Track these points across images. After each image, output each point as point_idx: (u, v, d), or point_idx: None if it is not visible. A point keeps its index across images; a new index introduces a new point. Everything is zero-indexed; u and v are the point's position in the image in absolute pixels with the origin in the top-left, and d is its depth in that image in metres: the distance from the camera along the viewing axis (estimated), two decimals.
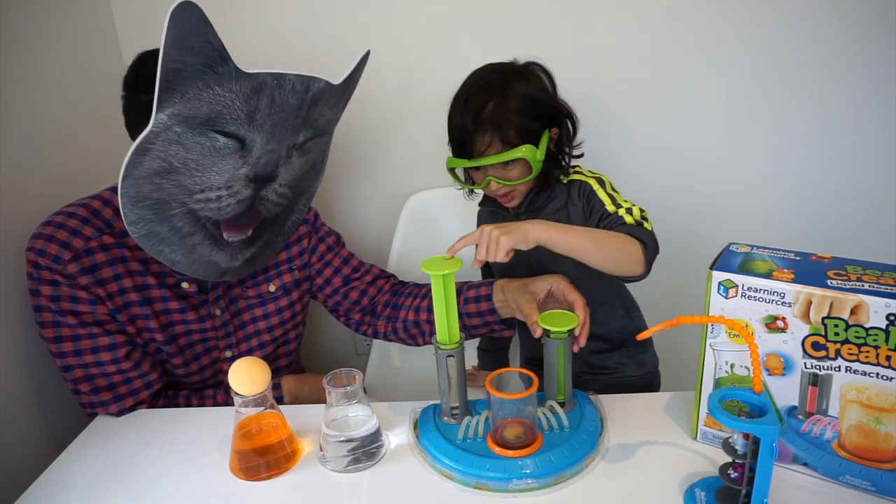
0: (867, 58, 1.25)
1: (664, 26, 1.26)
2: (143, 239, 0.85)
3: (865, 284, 0.64)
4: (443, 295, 0.76)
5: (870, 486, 0.68)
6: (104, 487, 0.76)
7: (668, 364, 1.26)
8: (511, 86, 0.92)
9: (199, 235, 0.87)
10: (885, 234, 1.36)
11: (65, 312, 0.88)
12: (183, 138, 0.78)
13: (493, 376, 0.75)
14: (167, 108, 0.75)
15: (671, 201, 1.38)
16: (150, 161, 0.78)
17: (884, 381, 0.64)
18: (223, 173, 0.82)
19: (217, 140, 0.79)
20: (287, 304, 1.07)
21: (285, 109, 0.82)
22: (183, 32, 0.70)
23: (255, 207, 0.88)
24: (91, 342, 0.89)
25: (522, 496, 0.71)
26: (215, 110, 0.77)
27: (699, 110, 1.32)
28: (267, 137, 0.83)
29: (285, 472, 0.77)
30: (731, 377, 0.73)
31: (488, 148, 0.92)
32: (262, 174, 0.85)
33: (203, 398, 1.00)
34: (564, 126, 0.98)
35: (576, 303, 0.86)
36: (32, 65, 1.02)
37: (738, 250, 0.75)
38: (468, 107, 0.92)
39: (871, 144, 1.31)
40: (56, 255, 0.86)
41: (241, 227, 0.90)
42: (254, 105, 0.79)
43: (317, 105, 0.86)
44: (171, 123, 0.76)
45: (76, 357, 0.89)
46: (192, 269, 0.91)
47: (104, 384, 0.91)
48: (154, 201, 0.82)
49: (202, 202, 0.83)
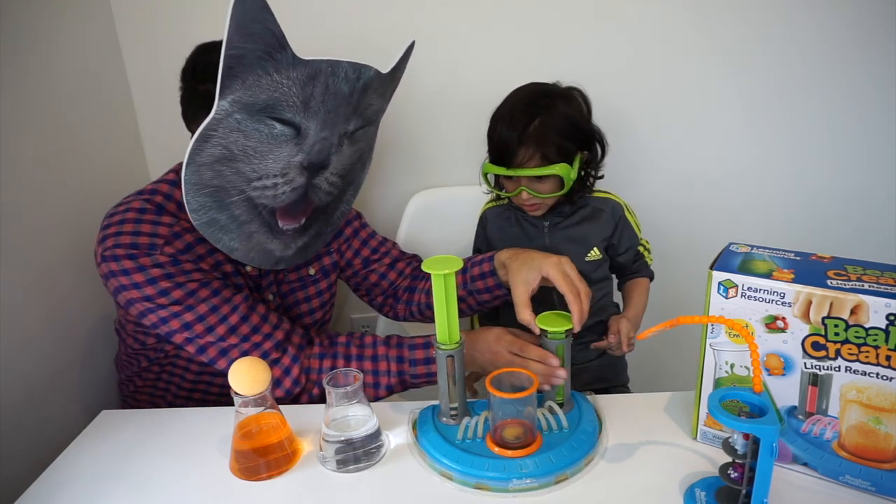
0: (871, 60, 1.25)
1: (669, 26, 1.26)
2: (203, 227, 0.85)
3: (865, 284, 0.64)
4: (443, 295, 0.76)
5: (870, 486, 0.68)
6: (104, 486, 0.76)
7: (669, 364, 1.26)
8: (556, 106, 1.00)
9: (255, 223, 0.88)
10: (886, 236, 1.36)
11: (181, 284, 0.87)
12: (243, 125, 0.79)
13: (493, 376, 0.75)
14: (229, 94, 0.77)
15: (672, 201, 1.38)
16: (211, 148, 0.80)
17: (884, 381, 0.64)
18: (279, 161, 0.83)
19: (274, 127, 0.81)
20: (326, 286, 1.09)
21: (338, 97, 0.83)
22: (245, 19, 0.71)
23: (307, 196, 0.89)
24: (219, 297, 0.88)
25: (522, 496, 0.71)
26: (273, 97, 0.79)
27: (700, 110, 1.32)
28: (321, 125, 0.83)
29: (285, 472, 0.77)
30: (731, 377, 0.73)
31: (529, 161, 0.99)
32: (316, 162, 0.86)
33: None
34: (594, 149, 1.06)
35: (566, 298, 0.84)
36: (32, 65, 1.02)
37: (738, 250, 0.75)
38: (515, 120, 0.98)
39: (873, 147, 1.31)
40: (150, 244, 0.86)
41: (295, 215, 0.91)
42: (309, 92, 0.80)
43: (367, 93, 0.86)
44: (233, 110, 0.78)
45: (214, 314, 0.88)
46: (248, 258, 0.92)
47: (247, 330, 0.90)
48: (214, 188, 0.83)
49: (259, 189, 0.85)
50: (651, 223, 1.39)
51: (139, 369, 1.00)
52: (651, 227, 1.39)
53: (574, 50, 1.28)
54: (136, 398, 1.03)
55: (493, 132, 1.02)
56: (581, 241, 1.08)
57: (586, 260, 1.07)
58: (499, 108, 1.03)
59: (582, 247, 1.07)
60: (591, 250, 1.07)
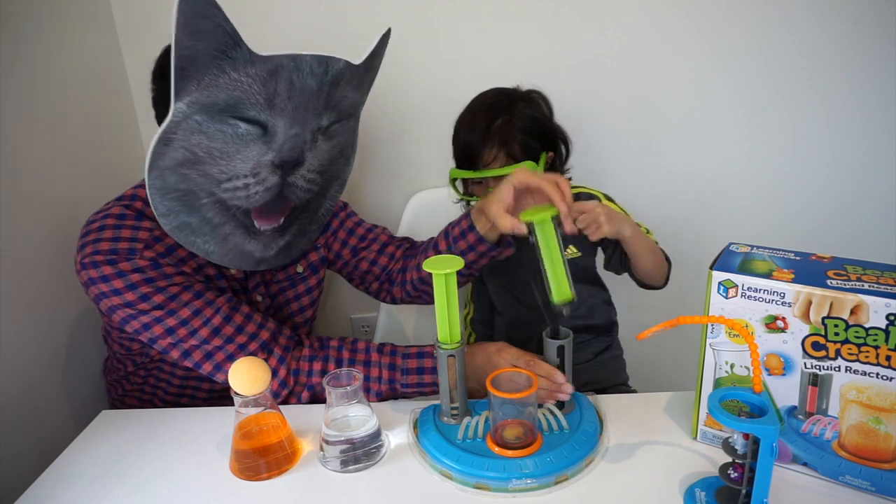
0: (870, 60, 1.25)
1: (668, 25, 1.26)
2: (175, 231, 0.84)
3: (865, 284, 0.64)
4: (444, 294, 0.76)
5: (870, 486, 0.68)
6: (104, 486, 0.76)
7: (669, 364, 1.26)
8: (516, 106, 1.00)
9: (230, 225, 0.87)
10: (886, 236, 1.36)
11: (162, 288, 0.85)
12: (204, 126, 0.77)
13: (493, 376, 0.75)
14: (185, 96, 0.74)
15: (672, 201, 1.38)
16: (173, 152, 0.78)
17: (884, 381, 0.64)
18: (248, 160, 0.81)
19: (239, 127, 0.78)
20: (316, 283, 1.08)
21: (305, 92, 0.80)
22: (191, 17, 0.69)
23: (283, 194, 0.87)
24: (202, 300, 0.87)
25: (522, 496, 0.71)
26: (233, 96, 0.76)
27: (701, 110, 1.32)
28: (290, 122, 0.81)
29: (285, 472, 0.77)
30: (731, 377, 0.73)
31: (494, 161, 1.00)
32: (288, 160, 0.83)
33: None
34: (559, 151, 1.07)
35: (542, 186, 0.83)
36: (32, 65, 1.02)
37: (738, 250, 0.75)
38: (476, 122, 0.99)
39: (872, 146, 1.32)
40: (130, 248, 0.84)
41: (272, 215, 0.89)
42: (272, 89, 0.78)
43: (338, 87, 0.84)
44: (191, 112, 0.76)
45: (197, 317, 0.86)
46: (226, 260, 0.90)
47: (231, 331, 0.88)
48: (182, 192, 0.82)
49: (230, 191, 0.83)
50: (651, 223, 1.39)
51: (126, 374, 1.00)
52: (651, 227, 1.39)
53: (574, 50, 1.28)
54: (125, 402, 1.02)
55: (457, 137, 1.02)
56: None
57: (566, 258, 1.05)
58: (461, 114, 1.03)
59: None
60: (567, 247, 1.06)
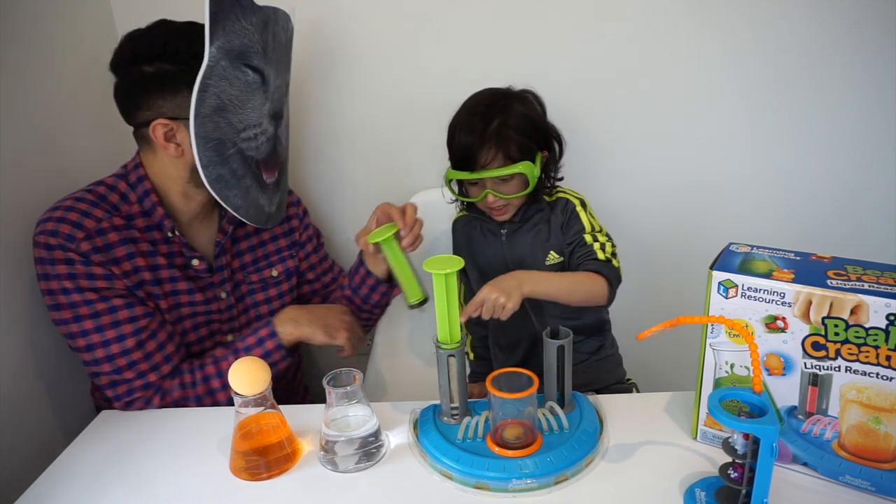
0: (870, 60, 1.25)
1: (668, 25, 1.26)
2: (213, 184, 0.87)
3: (865, 284, 0.64)
4: (444, 294, 0.76)
5: (870, 486, 0.68)
6: (105, 485, 0.76)
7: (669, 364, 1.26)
8: (512, 106, 1.00)
9: (249, 177, 0.91)
10: (886, 236, 1.36)
11: (83, 289, 0.86)
12: (227, 73, 0.83)
13: (493, 376, 0.75)
14: (215, 41, 0.80)
15: (672, 201, 1.38)
16: (210, 98, 0.83)
17: (884, 381, 0.64)
18: (255, 110, 0.87)
19: (248, 74, 0.84)
20: (288, 289, 1.09)
21: (280, 44, 0.87)
22: None
23: (276, 147, 0.92)
24: (111, 317, 0.88)
25: (522, 496, 0.71)
26: (244, 43, 0.82)
27: (701, 110, 1.32)
28: (276, 72, 0.87)
29: (285, 472, 0.77)
30: (731, 377, 0.73)
31: (491, 162, 0.99)
32: (277, 110, 0.89)
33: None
34: (553, 149, 1.07)
35: (390, 213, 0.98)
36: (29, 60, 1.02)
37: (738, 250, 0.75)
38: (473, 124, 0.99)
39: (872, 146, 1.31)
40: (69, 235, 0.86)
41: (272, 168, 0.94)
42: (266, 38, 0.84)
43: (291, 45, 0.91)
44: (220, 56, 0.81)
45: (98, 333, 0.87)
46: (248, 215, 0.94)
47: (124, 363, 0.89)
48: (216, 142, 0.86)
49: (246, 141, 0.87)
50: (651, 223, 1.40)
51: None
52: (651, 227, 1.40)
53: (574, 51, 1.28)
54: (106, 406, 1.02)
55: (452, 139, 1.02)
56: (540, 244, 1.06)
57: (547, 264, 1.06)
58: (456, 116, 1.03)
59: (541, 252, 1.06)
60: (548, 254, 1.06)
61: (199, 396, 0.93)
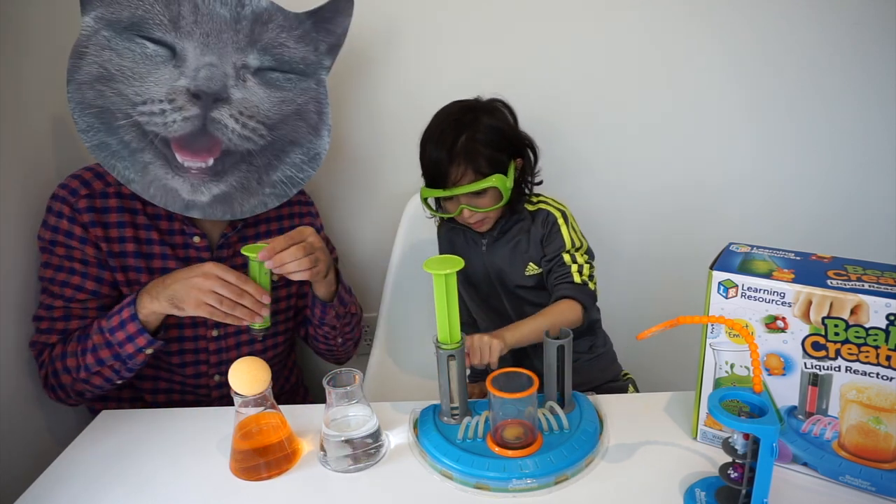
0: (870, 60, 1.25)
1: (669, 27, 1.26)
2: (95, 150, 0.88)
3: (865, 284, 0.64)
4: (444, 294, 0.76)
5: (870, 486, 0.68)
6: (105, 486, 0.76)
7: (669, 364, 1.26)
8: (480, 120, 0.99)
9: (149, 153, 0.89)
10: (886, 236, 1.36)
11: (56, 243, 0.91)
12: (112, 43, 0.84)
13: (493, 376, 0.75)
14: (90, 10, 0.82)
15: (672, 201, 1.38)
16: (87, 66, 0.84)
17: (884, 381, 0.64)
18: (161, 84, 0.86)
19: (146, 46, 0.85)
20: (285, 294, 1.07)
21: (215, 19, 0.86)
22: None
23: (208, 130, 0.89)
24: (65, 276, 0.92)
25: (522, 496, 0.71)
26: (136, 14, 0.83)
27: (701, 110, 1.32)
28: (201, 48, 0.86)
29: (285, 472, 0.77)
30: (731, 377, 0.73)
31: (462, 178, 0.99)
32: (206, 90, 0.87)
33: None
34: (527, 156, 1.06)
35: (272, 240, 0.89)
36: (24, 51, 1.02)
37: (738, 250, 0.75)
38: (441, 141, 0.98)
39: (873, 147, 1.31)
40: (74, 189, 0.92)
41: (196, 151, 0.90)
42: (176, 11, 0.84)
43: (266, 27, 0.89)
44: (98, 27, 0.83)
45: (48, 282, 0.92)
46: (149, 193, 0.91)
47: (60, 316, 0.92)
48: (99, 109, 0.86)
49: (146, 115, 0.87)
50: (651, 223, 1.40)
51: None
52: (651, 227, 1.40)
53: (577, 52, 1.28)
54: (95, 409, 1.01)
55: (423, 155, 1.01)
56: (519, 256, 1.06)
57: (527, 275, 1.06)
58: (425, 132, 1.02)
59: (520, 262, 1.06)
60: (528, 265, 1.05)
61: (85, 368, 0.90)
